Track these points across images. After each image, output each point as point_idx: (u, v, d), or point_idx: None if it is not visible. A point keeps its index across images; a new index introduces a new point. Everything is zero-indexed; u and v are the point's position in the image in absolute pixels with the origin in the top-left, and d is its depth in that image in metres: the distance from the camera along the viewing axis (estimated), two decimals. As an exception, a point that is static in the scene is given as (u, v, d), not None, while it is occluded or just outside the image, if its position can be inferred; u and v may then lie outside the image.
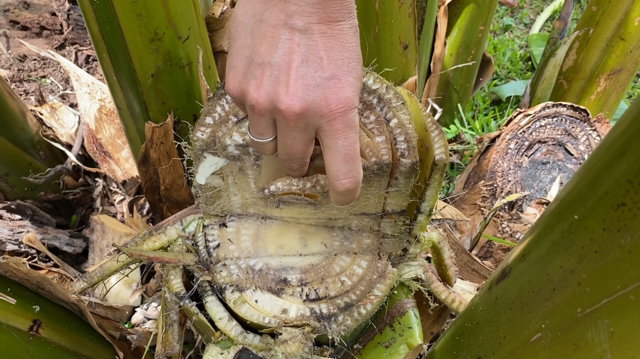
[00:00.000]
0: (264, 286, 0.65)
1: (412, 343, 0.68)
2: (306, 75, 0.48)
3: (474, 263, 1.10)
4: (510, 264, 0.47)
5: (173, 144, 1.09)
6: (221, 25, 1.09)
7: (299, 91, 0.48)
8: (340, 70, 0.49)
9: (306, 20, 0.47)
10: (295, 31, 0.47)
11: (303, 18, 0.47)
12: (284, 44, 0.48)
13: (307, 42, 0.47)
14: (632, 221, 0.30)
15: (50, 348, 0.76)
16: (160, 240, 0.72)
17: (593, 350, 0.35)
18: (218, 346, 0.66)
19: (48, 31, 1.98)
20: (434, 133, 0.60)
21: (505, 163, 1.33)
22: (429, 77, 1.69)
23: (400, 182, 0.60)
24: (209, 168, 0.65)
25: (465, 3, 1.59)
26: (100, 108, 1.47)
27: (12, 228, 1.30)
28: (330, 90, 0.48)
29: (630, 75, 1.56)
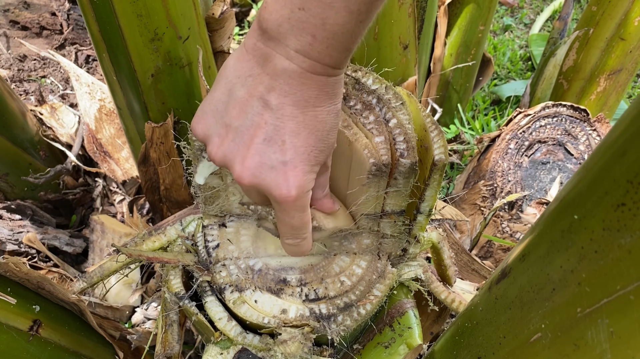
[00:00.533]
0: (264, 286, 0.65)
1: (411, 343, 0.68)
2: (264, 153, 0.48)
3: (474, 263, 1.10)
4: (510, 264, 0.47)
5: (173, 144, 1.09)
6: (221, 25, 1.09)
7: (253, 167, 0.49)
8: (299, 158, 0.48)
9: (281, 100, 0.46)
10: (267, 108, 0.47)
11: (279, 97, 0.46)
12: (253, 116, 0.48)
13: (275, 122, 0.47)
14: (632, 221, 0.30)
15: (50, 348, 0.76)
16: (160, 240, 0.72)
17: (593, 350, 0.35)
18: (218, 346, 0.66)
19: (48, 31, 1.98)
20: (433, 133, 0.60)
21: (505, 163, 1.33)
22: (429, 77, 1.69)
23: (399, 182, 0.60)
24: (208, 168, 0.65)
25: (465, 3, 1.59)
26: (100, 108, 1.47)
27: (12, 228, 1.30)
28: (282, 175, 0.49)
29: (630, 75, 1.56)
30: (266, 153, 0.48)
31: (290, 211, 0.52)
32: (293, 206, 0.51)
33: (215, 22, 1.06)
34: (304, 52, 0.44)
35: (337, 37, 0.43)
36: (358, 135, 0.58)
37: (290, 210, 0.52)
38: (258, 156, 0.48)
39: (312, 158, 0.49)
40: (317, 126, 0.48)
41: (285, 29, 0.44)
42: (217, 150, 0.51)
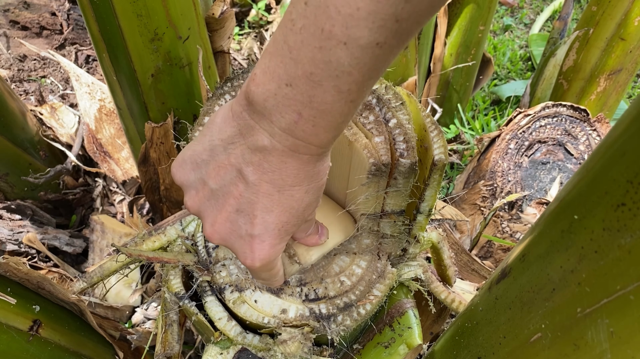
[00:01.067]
0: (263, 286, 0.65)
1: (411, 343, 0.68)
2: (235, 222, 0.48)
3: (473, 263, 1.10)
4: (510, 264, 0.47)
5: (173, 144, 1.09)
6: (221, 25, 1.09)
7: (222, 232, 0.49)
8: (267, 234, 0.48)
9: (258, 176, 0.45)
10: (243, 181, 0.46)
11: (256, 173, 0.45)
12: (229, 185, 0.47)
13: (249, 196, 0.46)
14: (632, 221, 0.30)
15: (50, 348, 0.76)
16: (160, 240, 0.72)
17: (593, 350, 0.35)
18: (217, 346, 0.66)
19: (48, 31, 1.98)
20: (433, 133, 0.60)
21: (505, 163, 1.33)
22: (429, 77, 1.69)
23: (399, 182, 0.60)
24: None
25: (465, 3, 1.59)
26: (100, 108, 1.47)
27: (12, 228, 1.30)
28: (250, 247, 0.49)
29: (630, 75, 1.56)
30: (237, 222, 0.48)
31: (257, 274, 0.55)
32: (258, 273, 0.54)
33: (215, 22, 1.06)
34: (288, 130, 0.42)
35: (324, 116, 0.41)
36: (358, 135, 0.58)
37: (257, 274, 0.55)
38: (229, 223, 0.49)
39: (283, 232, 0.49)
40: (292, 204, 0.47)
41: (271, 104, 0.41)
42: (192, 202, 0.51)
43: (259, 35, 2.32)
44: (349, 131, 0.59)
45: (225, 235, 0.50)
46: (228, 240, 0.50)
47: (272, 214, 0.47)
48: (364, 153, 0.58)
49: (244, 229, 0.48)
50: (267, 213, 0.47)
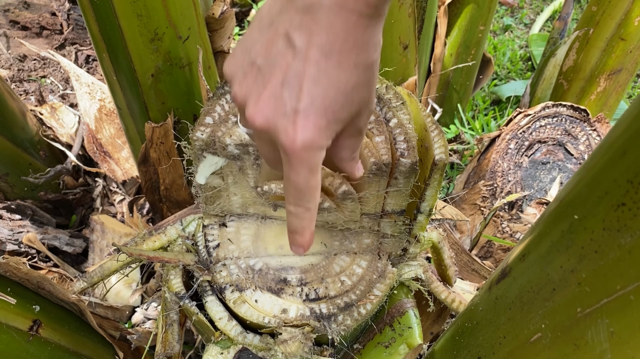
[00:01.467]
0: (264, 286, 0.65)
1: (412, 343, 0.68)
2: (280, 97, 0.45)
3: (474, 263, 1.10)
4: (510, 264, 0.47)
5: (173, 144, 1.09)
6: (221, 25, 1.09)
7: (266, 110, 0.46)
8: (313, 109, 0.45)
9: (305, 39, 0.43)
10: (291, 48, 0.44)
11: (303, 36, 0.43)
12: (276, 56, 0.45)
13: (297, 65, 0.44)
14: (632, 221, 0.30)
15: (50, 348, 0.76)
16: (160, 240, 0.72)
17: (593, 350, 0.35)
18: (218, 346, 0.66)
19: (48, 31, 1.98)
20: (433, 133, 0.60)
21: (505, 163, 1.33)
22: (429, 77, 1.69)
23: (399, 182, 0.60)
24: (208, 168, 0.65)
25: (465, 3, 1.59)
26: (100, 108, 1.47)
27: (12, 228, 1.30)
28: (293, 125, 0.45)
29: (630, 75, 1.56)
30: (282, 97, 0.45)
31: (295, 165, 0.47)
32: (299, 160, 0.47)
33: (215, 22, 1.06)
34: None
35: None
36: None
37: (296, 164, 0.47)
38: (273, 99, 0.45)
39: (330, 113, 0.45)
40: (339, 77, 0.44)
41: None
42: (238, 88, 0.48)
43: (259, 35, 2.31)
44: None
45: (268, 113, 0.45)
46: (271, 119, 0.46)
47: (319, 86, 0.44)
48: (364, 153, 0.58)
49: (289, 105, 0.45)
50: (314, 85, 0.44)
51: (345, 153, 0.54)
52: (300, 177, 0.48)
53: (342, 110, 0.46)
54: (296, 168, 0.48)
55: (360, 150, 0.58)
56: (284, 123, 0.45)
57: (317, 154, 0.47)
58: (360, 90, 0.46)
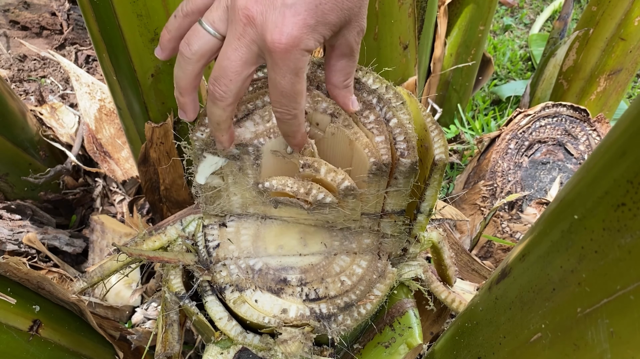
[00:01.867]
0: (264, 286, 0.65)
1: (411, 343, 0.68)
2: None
3: (474, 263, 1.10)
4: (510, 264, 0.47)
5: (173, 144, 1.09)
6: (221, 25, 1.08)
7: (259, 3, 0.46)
8: (304, 6, 0.45)
9: None
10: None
11: None
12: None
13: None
14: (632, 221, 0.30)
15: (50, 348, 0.76)
16: (160, 240, 0.72)
17: (593, 350, 0.35)
18: (218, 346, 0.66)
19: (48, 31, 1.98)
20: (433, 133, 0.60)
21: (505, 163, 1.33)
22: (429, 77, 1.69)
23: (399, 182, 0.60)
24: (208, 168, 0.65)
25: (465, 3, 1.59)
26: (100, 108, 1.47)
27: (12, 228, 1.30)
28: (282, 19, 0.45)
29: (630, 75, 1.56)
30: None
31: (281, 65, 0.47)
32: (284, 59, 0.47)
33: (216, 22, 1.06)
34: None
35: None
36: (359, 134, 0.58)
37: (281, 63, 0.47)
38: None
39: (319, 12, 0.46)
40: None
41: None
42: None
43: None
44: (349, 130, 0.59)
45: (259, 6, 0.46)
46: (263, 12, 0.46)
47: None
48: (364, 152, 0.58)
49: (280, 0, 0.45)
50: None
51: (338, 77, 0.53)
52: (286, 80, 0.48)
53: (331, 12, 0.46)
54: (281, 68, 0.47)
55: (360, 150, 0.58)
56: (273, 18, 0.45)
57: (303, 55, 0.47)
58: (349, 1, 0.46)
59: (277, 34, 0.45)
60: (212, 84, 0.51)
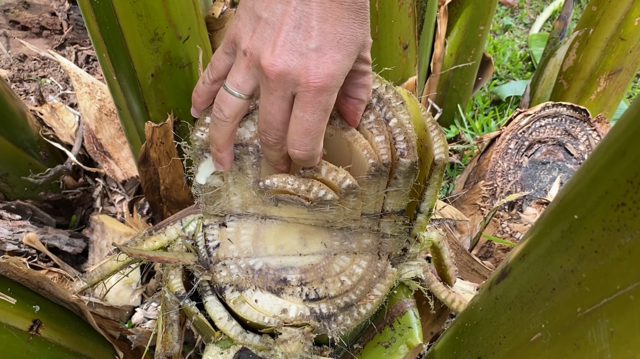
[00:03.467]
0: (264, 285, 0.65)
1: (411, 343, 0.68)
2: (294, 41, 0.48)
3: (474, 263, 1.10)
4: (510, 264, 0.47)
5: (173, 144, 1.09)
6: (221, 25, 1.09)
7: (284, 54, 0.49)
8: (327, 44, 0.48)
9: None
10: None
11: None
12: (281, 5, 0.48)
13: (303, 8, 0.48)
14: (632, 221, 0.30)
15: (50, 347, 0.76)
16: (160, 240, 0.72)
17: (593, 350, 0.35)
18: (218, 346, 0.66)
19: (48, 31, 1.98)
20: (433, 133, 0.60)
21: (505, 163, 1.33)
22: (429, 77, 1.69)
23: (399, 182, 0.60)
24: (209, 168, 0.65)
25: (465, 3, 1.59)
26: (100, 108, 1.47)
27: (12, 228, 1.30)
28: (312, 62, 0.48)
29: (630, 75, 1.56)
30: (295, 40, 0.48)
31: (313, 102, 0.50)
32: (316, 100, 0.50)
33: (215, 22, 1.06)
34: None
35: None
36: (356, 135, 0.58)
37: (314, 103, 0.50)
38: (288, 44, 0.48)
39: (342, 46, 0.49)
40: (342, 13, 0.48)
41: None
42: (249, 43, 0.51)
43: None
44: (347, 132, 0.59)
45: (285, 57, 0.48)
46: (290, 62, 0.49)
47: (327, 23, 0.48)
48: (363, 154, 0.58)
49: (304, 45, 0.48)
50: (323, 22, 0.48)
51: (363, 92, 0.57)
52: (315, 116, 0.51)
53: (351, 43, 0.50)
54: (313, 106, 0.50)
55: (358, 152, 0.58)
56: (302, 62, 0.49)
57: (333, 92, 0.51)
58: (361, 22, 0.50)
59: (311, 76, 0.49)
60: (263, 135, 0.55)
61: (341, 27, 0.49)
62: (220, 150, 0.59)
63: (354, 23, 0.50)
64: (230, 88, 0.54)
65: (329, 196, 0.58)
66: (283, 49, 0.49)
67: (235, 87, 0.54)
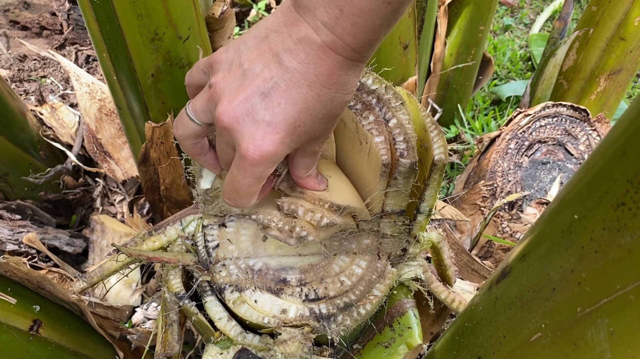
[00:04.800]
0: (264, 286, 0.65)
1: (411, 343, 0.68)
2: (255, 105, 0.48)
3: (474, 263, 1.10)
4: (510, 264, 0.47)
5: (173, 144, 1.09)
6: (221, 25, 1.08)
7: (238, 110, 0.48)
8: (283, 126, 0.48)
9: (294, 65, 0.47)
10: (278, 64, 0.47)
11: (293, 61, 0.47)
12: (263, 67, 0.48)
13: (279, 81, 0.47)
14: (632, 221, 0.30)
15: (50, 347, 0.76)
16: (160, 240, 0.72)
17: (593, 350, 0.35)
18: (217, 346, 0.66)
19: (48, 31, 1.98)
20: (433, 133, 0.60)
21: (505, 163, 1.33)
22: (429, 77, 1.69)
23: (399, 182, 0.60)
24: (212, 173, 0.65)
25: (465, 3, 1.59)
26: (100, 108, 1.47)
27: (12, 228, 1.30)
28: (259, 133, 0.48)
29: (630, 75, 1.56)
30: (256, 106, 0.48)
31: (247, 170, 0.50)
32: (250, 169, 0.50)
33: (216, 22, 1.06)
34: (330, 25, 0.45)
35: (363, 15, 0.44)
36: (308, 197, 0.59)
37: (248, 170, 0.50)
38: (249, 104, 0.48)
39: (296, 134, 0.49)
40: (315, 105, 0.48)
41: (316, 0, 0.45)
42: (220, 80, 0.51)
43: (259, 35, 2.31)
44: None
45: (239, 114, 0.48)
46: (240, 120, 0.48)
47: (295, 107, 0.48)
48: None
49: (262, 114, 0.48)
50: (291, 105, 0.47)
51: (300, 170, 0.58)
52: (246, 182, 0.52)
53: (305, 134, 0.50)
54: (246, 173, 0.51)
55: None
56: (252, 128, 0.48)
57: (270, 167, 0.51)
58: (327, 121, 0.50)
59: (252, 146, 0.49)
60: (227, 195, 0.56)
61: (306, 117, 0.48)
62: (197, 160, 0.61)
63: (322, 117, 0.49)
64: (189, 111, 0.55)
65: (309, 238, 0.59)
66: (240, 107, 0.48)
67: (193, 112, 0.55)
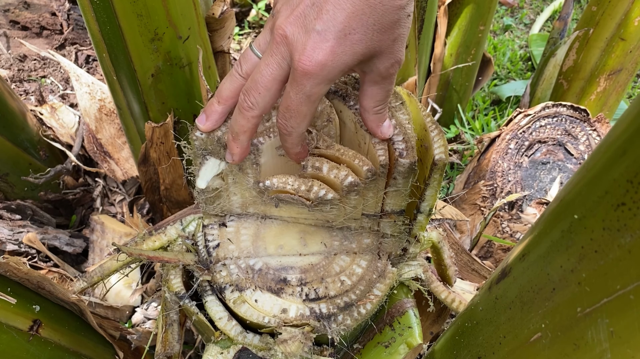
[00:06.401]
0: (264, 285, 0.65)
1: (411, 343, 0.68)
2: (307, 15, 0.48)
3: (474, 263, 1.10)
4: (510, 264, 0.47)
5: (173, 144, 1.09)
6: (221, 25, 1.09)
7: (293, 24, 0.48)
8: (332, 33, 0.47)
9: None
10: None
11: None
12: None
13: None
14: (632, 221, 0.30)
15: (50, 347, 0.76)
16: (160, 240, 0.72)
17: (593, 350, 0.35)
18: (218, 346, 0.66)
19: (48, 31, 1.98)
20: (433, 133, 0.60)
21: (505, 163, 1.33)
22: (429, 77, 1.69)
23: (399, 182, 0.60)
24: (210, 172, 0.65)
25: (465, 3, 1.59)
26: (100, 108, 1.47)
27: (12, 228, 1.30)
28: (311, 42, 0.47)
29: (630, 75, 1.56)
30: (308, 15, 0.48)
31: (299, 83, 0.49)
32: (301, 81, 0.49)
33: (215, 22, 1.06)
34: None
35: None
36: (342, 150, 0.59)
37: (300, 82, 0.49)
38: (302, 16, 0.48)
39: (348, 42, 0.47)
40: (364, 9, 0.46)
41: None
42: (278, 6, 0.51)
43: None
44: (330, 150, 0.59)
45: (293, 28, 0.48)
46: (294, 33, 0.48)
47: (343, 13, 0.46)
48: (355, 164, 0.58)
49: (312, 23, 0.47)
50: (340, 10, 0.46)
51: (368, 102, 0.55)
52: (297, 97, 0.50)
53: (359, 42, 0.48)
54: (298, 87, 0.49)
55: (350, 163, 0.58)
56: (303, 39, 0.48)
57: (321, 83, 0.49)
58: (383, 30, 0.48)
59: (304, 56, 0.48)
60: (243, 94, 0.54)
61: (356, 23, 0.47)
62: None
63: (374, 26, 0.47)
64: (254, 48, 0.55)
65: (329, 196, 0.58)
66: (295, 19, 0.48)
67: (257, 46, 0.55)
